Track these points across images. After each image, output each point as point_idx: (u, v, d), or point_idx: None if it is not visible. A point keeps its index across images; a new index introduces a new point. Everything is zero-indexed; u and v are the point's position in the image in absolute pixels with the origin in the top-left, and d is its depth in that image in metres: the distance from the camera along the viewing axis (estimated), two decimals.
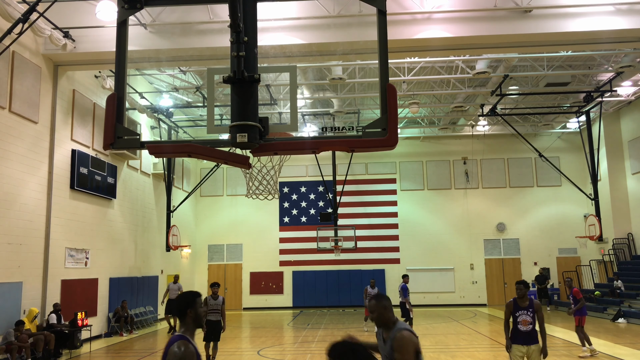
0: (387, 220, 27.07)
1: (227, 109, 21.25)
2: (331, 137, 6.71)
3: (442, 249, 26.75)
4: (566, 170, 25.88)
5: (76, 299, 15.20)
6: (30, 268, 13.26)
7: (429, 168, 27.62)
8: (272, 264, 27.09)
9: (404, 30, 13.20)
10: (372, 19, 7.90)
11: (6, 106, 12.57)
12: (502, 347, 13.53)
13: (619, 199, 23.81)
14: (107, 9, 12.54)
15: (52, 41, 13.15)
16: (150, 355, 13.64)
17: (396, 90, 3.71)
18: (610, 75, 19.56)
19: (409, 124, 26.52)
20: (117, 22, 3.94)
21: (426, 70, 19.43)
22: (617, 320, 18.25)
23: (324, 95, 21.17)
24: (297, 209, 27.58)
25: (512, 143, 26.63)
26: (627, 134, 23.68)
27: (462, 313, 22.87)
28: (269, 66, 12.72)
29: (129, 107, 18.08)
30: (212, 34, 13.36)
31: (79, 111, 15.85)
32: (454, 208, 27.16)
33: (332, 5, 13.11)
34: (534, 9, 13.07)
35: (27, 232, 13.18)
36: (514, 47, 14.54)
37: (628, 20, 13.08)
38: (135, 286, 19.41)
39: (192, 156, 3.89)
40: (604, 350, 12.71)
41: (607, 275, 23.71)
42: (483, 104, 22.20)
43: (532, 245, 26.61)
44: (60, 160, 14.77)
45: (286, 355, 12.65)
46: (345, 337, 3.74)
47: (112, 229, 17.91)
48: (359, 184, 27.21)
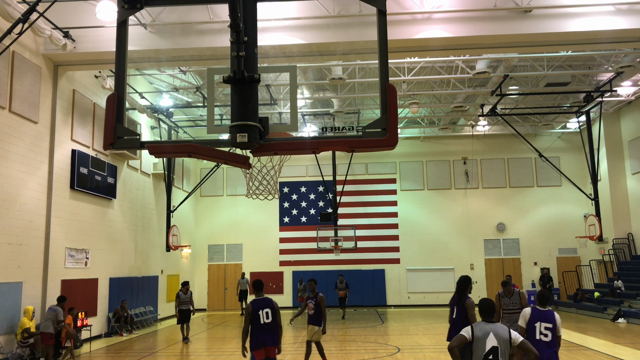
0: (387, 220, 27.07)
1: (227, 109, 21.25)
2: (331, 137, 6.71)
3: (442, 249, 26.75)
4: (566, 170, 25.88)
5: (76, 299, 15.19)
6: (30, 268, 13.26)
7: (429, 168, 27.62)
8: (272, 264, 27.08)
9: (404, 30, 13.20)
10: (372, 19, 7.90)
11: (6, 106, 12.57)
12: None
13: (619, 199, 23.81)
14: (107, 9, 12.53)
15: (52, 41, 13.14)
16: (150, 355, 13.64)
17: (396, 90, 3.71)
18: (610, 75, 19.56)
19: (409, 124, 26.52)
20: (117, 22, 3.95)
21: (426, 70, 19.43)
22: (617, 320, 18.25)
23: (324, 95, 21.17)
24: (297, 209, 27.58)
25: (512, 143, 26.63)
26: (627, 134, 23.68)
27: None
28: (269, 66, 12.72)
29: (129, 107, 18.08)
30: (212, 34, 13.35)
31: (79, 111, 15.85)
32: (454, 208, 27.16)
33: (332, 5, 13.10)
34: (534, 9, 13.07)
35: (27, 232, 13.18)
36: (514, 47, 14.54)
37: (628, 20, 13.07)
38: (135, 286, 19.40)
39: (192, 156, 3.90)
40: (604, 350, 12.71)
41: (607, 275, 23.71)
42: (483, 104, 22.20)
43: (532, 245, 26.61)
44: (60, 160, 14.76)
45: (286, 356, 12.65)
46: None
47: (112, 229, 17.91)
48: (359, 184, 27.21)
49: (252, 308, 7.46)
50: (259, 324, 7.35)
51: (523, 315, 6.48)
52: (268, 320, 7.39)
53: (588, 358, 11.84)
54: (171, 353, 14.16)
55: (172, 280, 23.74)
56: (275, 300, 7.64)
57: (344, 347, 14.25)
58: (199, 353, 14.10)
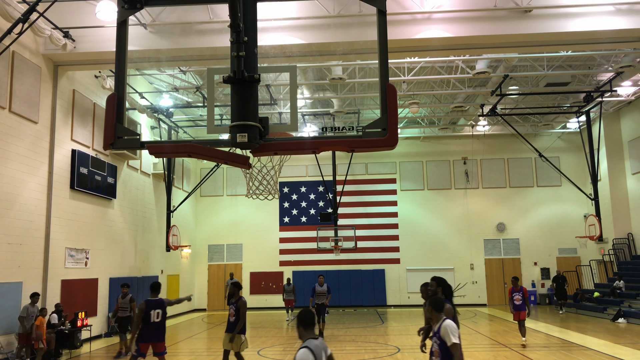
0: (387, 220, 27.06)
1: (227, 109, 21.25)
2: (331, 137, 6.71)
3: (442, 249, 26.75)
4: (566, 170, 25.88)
5: (76, 299, 15.19)
6: (30, 268, 13.26)
7: (429, 168, 27.62)
8: (272, 264, 27.08)
9: (404, 30, 13.20)
10: (372, 19, 7.90)
11: (6, 106, 12.57)
12: (502, 347, 13.55)
13: (619, 199, 23.81)
14: (107, 9, 12.53)
15: (52, 41, 13.14)
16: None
17: (396, 90, 3.71)
18: (610, 75, 19.56)
19: (409, 124, 26.52)
20: (117, 22, 3.95)
21: (426, 70, 19.43)
22: (617, 320, 18.25)
23: (324, 95, 21.16)
24: (297, 209, 27.58)
25: (512, 143, 26.63)
26: (627, 134, 23.67)
27: (462, 313, 22.86)
28: (269, 66, 12.71)
29: (129, 107, 18.08)
30: (212, 34, 13.35)
31: (79, 111, 15.85)
32: (454, 208, 27.16)
33: (332, 5, 13.10)
34: (534, 9, 13.07)
35: (27, 232, 13.18)
36: (514, 47, 14.54)
37: (628, 20, 13.07)
38: (135, 286, 19.38)
39: (192, 156, 3.90)
40: (604, 350, 12.71)
41: (607, 275, 23.71)
42: (483, 104, 22.20)
43: (532, 245, 26.60)
44: (60, 160, 14.76)
45: (286, 355, 12.65)
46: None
47: (112, 229, 17.91)
48: (359, 184, 27.21)
49: (146, 307, 8.40)
50: (149, 321, 8.34)
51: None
52: (158, 319, 8.44)
53: (588, 358, 11.83)
54: (171, 353, 14.15)
55: (172, 280, 23.74)
56: (168, 300, 8.66)
57: (344, 347, 14.25)
58: (199, 353, 14.10)
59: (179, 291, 24.66)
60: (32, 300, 12.29)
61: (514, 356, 12.19)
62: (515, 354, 12.39)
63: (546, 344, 14.14)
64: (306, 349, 4.17)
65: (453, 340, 5.03)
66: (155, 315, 8.45)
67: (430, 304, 5.36)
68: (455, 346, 5.05)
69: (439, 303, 5.31)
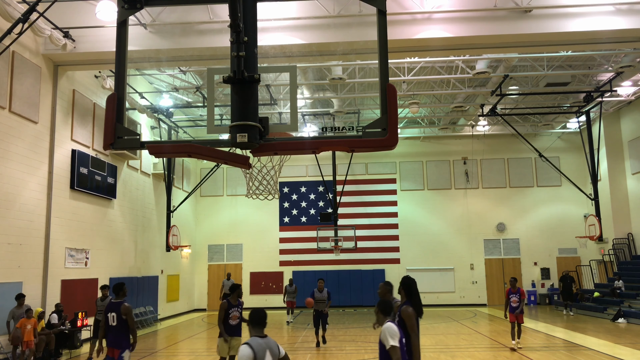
0: (387, 220, 27.07)
1: (227, 109, 21.24)
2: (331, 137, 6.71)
3: (442, 249, 26.75)
4: (566, 170, 25.88)
5: (76, 299, 15.19)
6: (30, 268, 13.26)
7: (429, 168, 27.62)
8: (272, 264, 27.09)
9: (404, 30, 13.20)
10: (372, 19, 7.90)
11: (6, 106, 12.57)
12: (502, 347, 13.55)
13: (619, 199, 23.81)
14: (107, 9, 12.53)
15: (52, 41, 13.14)
16: (150, 355, 13.64)
17: (396, 90, 3.71)
18: (610, 75, 19.56)
19: (409, 124, 26.52)
20: (117, 22, 3.95)
21: (426, 70, 19.43)
22: (617, 320, 18.25)
23: (324, 95, 21.16)
24: (297, 209, 27.58)
25: (512, 143, 26.63)
26: (627, 134, 23.67)
27: (462, 313, 22.87)
28: (269, 66, 12.71)
29: (129, 107, 18.08)
30: (212, 34, 13.35)
31: (79, 111, 15.85)
32: (454, 208, 27.16)
33: (332, 5, 13.10)
34: (534, 9, 13.07)
35: (27, 232, 13.18)
36: (514, 47, 14.54)
37: (628, 20, 13.07)
38: (135, 286, 19.40)
39: (192, 156, 3.90)
40: (604, 350, 12.71)
41: (607, 275, 23.71)
42: (483, 104, 22.20)
43: (532, 245, 26.61)
44: (60, 160, 14.76)
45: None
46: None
47: (112, 229, 17.90)
48: (359, 184, 27.21)
49: (105, 309, 8.16)
50: (108, 325, 8.10)
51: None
52: (114, 323, 8.03)
53: (588, 358, 11.83)
54: (171, 353, 14.16)
55: (172, 280, 23.74)
56: (127, 306, 7.95)
57: (344, 347, 14.25)
58: (199, 353, 14.10)
59: (179, 291, 24.67)
60: (18, 302, 11.92)
61: (514, 356, 12.19)
62: (515, 354, 12.40)
63: (546, 344, 14.14)
64: (246, 345, 4.25)
65: (391, 343, 4.96)
66: (111, 318, 8.01)
67: (378, 306, 5.31)
68: (393, 349, 4.96)
69: (386, 306, 5.28)
